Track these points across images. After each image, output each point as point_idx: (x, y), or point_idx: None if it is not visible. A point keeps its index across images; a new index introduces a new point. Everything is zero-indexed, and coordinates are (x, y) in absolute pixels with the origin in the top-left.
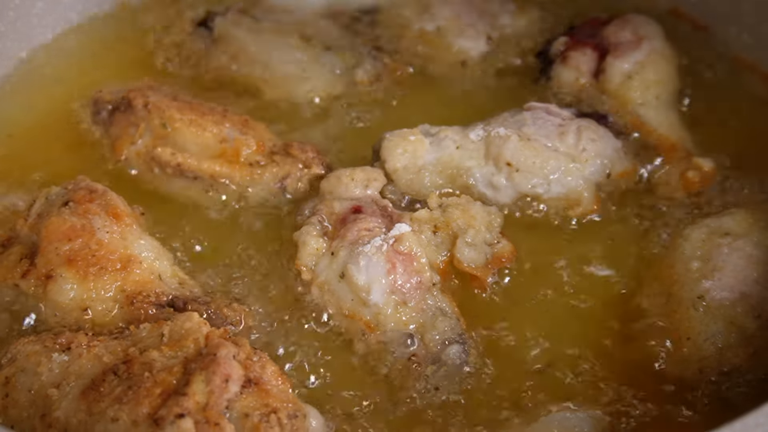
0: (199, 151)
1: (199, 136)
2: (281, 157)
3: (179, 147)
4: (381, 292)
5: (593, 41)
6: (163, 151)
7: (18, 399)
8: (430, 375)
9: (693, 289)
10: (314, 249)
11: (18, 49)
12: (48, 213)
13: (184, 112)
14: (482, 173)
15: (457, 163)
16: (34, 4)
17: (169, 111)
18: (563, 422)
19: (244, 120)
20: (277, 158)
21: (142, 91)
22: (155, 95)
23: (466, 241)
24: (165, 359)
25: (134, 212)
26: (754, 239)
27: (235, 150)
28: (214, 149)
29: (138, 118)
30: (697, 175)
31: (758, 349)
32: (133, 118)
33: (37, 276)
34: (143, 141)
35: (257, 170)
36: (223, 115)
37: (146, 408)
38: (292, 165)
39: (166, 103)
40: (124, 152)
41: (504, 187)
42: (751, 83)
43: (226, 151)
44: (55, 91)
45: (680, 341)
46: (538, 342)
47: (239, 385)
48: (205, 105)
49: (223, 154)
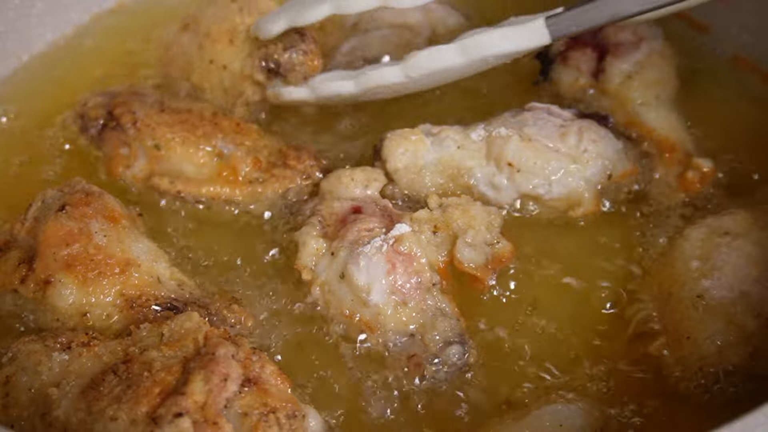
0: (196, 172)
1: (193, 156)
2: (280, 170)
3: (175, 169)
4: (381, 292)
5: (593, 41)
6: (161, 181)
7: (18, 398)
8: (430, 375)
9: (693, 289)
10: (314, 249)
11: (18, 49)
12: (45, 217)
13: (175, 128)
14: (483, 173)
15: (458, 163)
16: (34, 4)
17: (159, 129)
18: (555, 414)
19: (235, 125)
20: (276, 172)
21: (128, 103)
22: (141, 108)
23: (466, 242)
24: (164, 359)
25: (131, 214)
26: (753, 238)
27: (233, 168)
28: (211, 168)
29: (128, 137)
30: (696, 176)
31: (758, 347)
32: (124, 137)
33: (36, 281)
34: (138, 164)
35: (258, 188)
36: (214, 122)
37: (145, 407)
38: (292, 177)
39: (154, 119)
40: (119, 174)
41: (505, 188)
42: (751, 83)
43: (223, 170)
44: (55, 91)
45: (680, 340)
46: (537, 342)
47: (238, 384)
48: (194, 110)
49: (221, 174)
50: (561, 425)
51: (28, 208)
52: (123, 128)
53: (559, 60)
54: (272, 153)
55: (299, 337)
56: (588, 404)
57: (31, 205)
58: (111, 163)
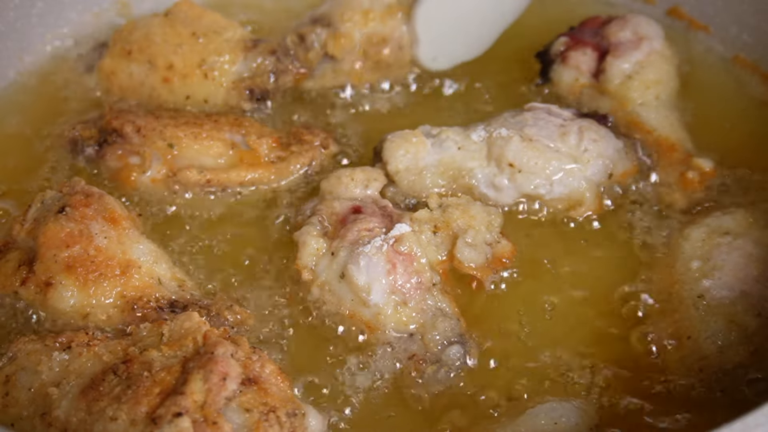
0: (216, 163)
1: (209, 148)
2: (297, 146)
3: (196, 163)
4: (381, 292)
5: (593, 41)
6: (190, 173)
7: (18, 397)
8: (431, 375)
9: (693, 289)
10: (314, 249)
11: (18, 50)
12: (45, 218)
13: (181, 128)
14: (484, 174)
15: (459, 164)
16: (34, 4)
17: (167, 130)
18: (551, 412)
19: (234, 120)
20: (295, 148)
21: (123, 115)
22: (138, 117)
23: (466, 242)
24: (164, 359)
25: (131, 215)
26: (754, 238)
27: (254, 152)
28: (230, 157)
29: (135, 145)
30: (696, 176)
31: (759, 347)
32: (129, 146)
33: (37, 283)
34: (155, 167)
35: (283, 164)
36: (213, 120)
37: (145, 407)
38: (312, 149)
39: (157, 123)
40: (133, 183)
41: (506, 188)
42: (751, 83)
43: (243, 156)
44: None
45: (681, 340)
46: (537, 341)
47: (237, 383)
48: (188, 114)
49: (242, 160)
50: (556, 423)
51: (27, 209)
52: (126, 138)
53: (559, 60)
54: (283, 135)
55: (299, 337)
56: (584, 402)
57: (30, 206)
58: (121, 175)
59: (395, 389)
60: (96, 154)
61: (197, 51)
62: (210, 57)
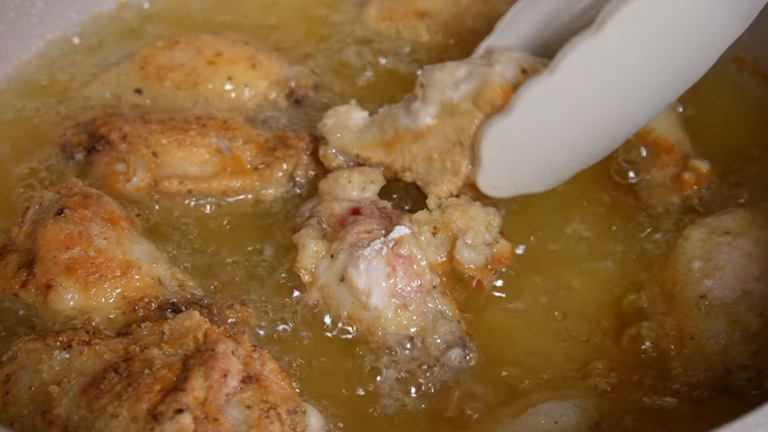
0: (200, 171)
1: (193, 155)
2: (282, 151)
3: (179, 171)
4: (381, 295)
5: None
6: (170, 184)
7: (19, 396)
8: (431, 378)
9: (695, 289)
10: (314, 251)
11: (18, 49)
12: (43, 220)
13: (166, 134)
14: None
15: (387, 113)
16: (34, 4)
17: (152, 137)
18: (551, 411)
19: (222, 122)
20: (279, 153)
21: (111, 122)
22: (126, 124)
23: (465, 243)
24: (165, 356)
25: (129, 215)
26: (754, 237)
27: (237, 159)
28: (214, 164)
29: (121, 152)
30: (693, 177)
31: (761, 346)
32: (116, 153)
33: (37, 286)
34: (139, 175)
35: (266, 172)
36: (201, 124)
37: (146, 404)
38: (297, 154)
39: (143, 130)
40: (120, 191)
41: (418, 108)
42: (751, 83)
43: (227, 163)
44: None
45: (683, 341)
46: (537, 341)
47: (238, 380)
48: (177, 117)
49: (225, 167)
50: (557, 422)
51: (25, 212)
52: (113, 145)
53: None
54: (269, 139)
55: (300, 337)
56: (584, 401)
57: (28, 208)
58: (108, 182)
59: (395, 392)
60: (85, 160)
61: (249, 50)
62: (259, 55)
